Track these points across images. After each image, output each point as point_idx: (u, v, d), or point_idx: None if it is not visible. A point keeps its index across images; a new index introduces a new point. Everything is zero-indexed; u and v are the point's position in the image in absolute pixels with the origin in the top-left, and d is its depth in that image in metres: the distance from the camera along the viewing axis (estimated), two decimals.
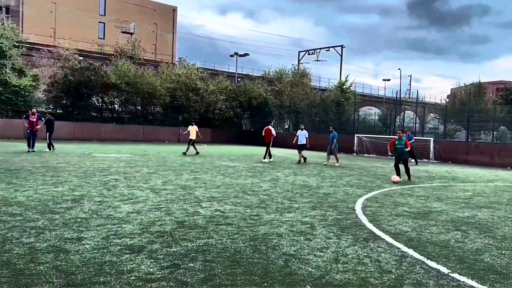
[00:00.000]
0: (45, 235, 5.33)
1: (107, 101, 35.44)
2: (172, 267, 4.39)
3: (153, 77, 34.98)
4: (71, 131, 30.98)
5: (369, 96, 66.58)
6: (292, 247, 5.31)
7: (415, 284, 4.23)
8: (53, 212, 6.61)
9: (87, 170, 12.33)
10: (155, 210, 7.12)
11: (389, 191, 10.99)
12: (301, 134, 19.71)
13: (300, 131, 19.86)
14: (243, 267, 4.49)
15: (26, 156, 15.95)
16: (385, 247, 5.50)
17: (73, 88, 32.02)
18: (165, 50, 63.42)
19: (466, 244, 5.84)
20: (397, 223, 6.99)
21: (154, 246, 5.09)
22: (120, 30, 57.08)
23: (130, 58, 36.68)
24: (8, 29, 30.37)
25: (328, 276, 4.34)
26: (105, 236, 5.41)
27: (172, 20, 67.79)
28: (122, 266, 4.34)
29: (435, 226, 6.89)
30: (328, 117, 36.83)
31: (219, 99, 37.62)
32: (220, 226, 6.23)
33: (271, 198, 8.92)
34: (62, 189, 8.85)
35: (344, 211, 7.89)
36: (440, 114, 40.28)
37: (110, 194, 8.52)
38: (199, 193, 9.13)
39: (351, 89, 43.61)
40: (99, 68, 33.03)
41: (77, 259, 4.47)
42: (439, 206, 8.94)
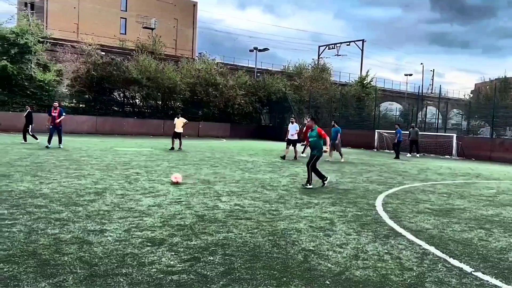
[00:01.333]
0: (69, 226, 5.46)
1: (128, 96, 35.94)
2: (192, 260, 4.44)
3: (174, 72, 35.27)
4: (93, 125, 31.56)
5: (390, 91, 65.64)
6: (311, 243, 5.30)
7: (436, 282, 4.17)
8: (76, 205, 6.75)
9: (109, 164, 12.55)
10: (176, 204, 7.20)
11: (410, 187, 10.84)
12: (291, 128, 18.24)
13: (291, 125, 18.48)
14: (262, 262, 4.50)
15: (50, 149, 16.32)
16: (406, 244, 5.44)
17: (95, 83, 32.58)
18: (185, 45, 63.79)
19: (490, 243, 5.72)
20: (418, 220, 6.89)
21: (175, 239, 5.15)
22: (141, 25, 57.64)
23: (151, 53, 37.03)
24: (33, 25, 31.05)
25: (348, 273, 4.32)
26: (127, 228, 5.51)
27: (192, 15, 68.08)
28: (143, 258, 4.42)
29: (457, 224, 6.77)
30: (348, 112, 36.48)
31: (238, 94, 37.69)
32: (239, 221, 6.26)
33: (290, 194, 8.91)
34: (85, 182, 9.03)
35: (364, 207, 7.82)
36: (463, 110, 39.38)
37: (132, 187, 8.65)
38: (218, 188, 9.18)
39: (372, 84, 43.10)
40: (120, 63, 33.48)
41: (100, 251, 4.57)
42: (462, 203, 8.78)
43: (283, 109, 40.21)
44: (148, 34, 48.78)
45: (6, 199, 6.86)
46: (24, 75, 28.91)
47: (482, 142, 26.31)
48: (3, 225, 5.33)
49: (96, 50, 34.35)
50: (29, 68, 29.32)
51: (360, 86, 41.48)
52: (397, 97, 62.80)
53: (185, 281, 3.88)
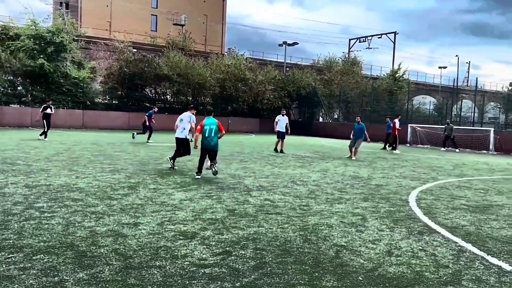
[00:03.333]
0: (104, 219, 5.61)
1: (159, 92, 36.52)
2: (224, 253, 4.48)
3: (203, 68, 35.55)
4: (126, 121, 32.25)
5: (423, 84, 63.91)
6: (343, 238, 5.25)
7: (474, 280, 4.04)
8: (111, 198, 6.93)
9: (142, 159, 12.81)
10: (207, 198, 7.28)
11: (445, 183, 10.54)
12: (282, 120, 17.40)
13: (281, 117, 17.49)
14: (293, 257, 4.49)
15: (85, 145, 16.81)
16: (441, 241, 5.30)
17: (127, 80, 33.26)
18: (214, 41, 64.15)
19: None
20: (453, 217, 6.70)
21: (206, 232, 5.21)
22: (172, 22, 58.38)
23: (181, 50, 37.44)
24: (68, 24, 31.99)
25: (381, 269, 4.25)
26: (159, 222, 5.61)
27: (221, 11, 68.34)
28: (176, 251, 4.49)
29: (495, 221, 6.54)
30: (380, 107, 35.82)
31: (267, 89, 37.61)
32: (269, 215, 6.26)
33: (321, 189, 8.84)
34: (119, 176, 9.25)
35: (397, 203, 7.67)
36: (501, 103, 37.95)
37: (164, 181, 8.81)
38: (248, 182, 9.22)
39: (404, 77, 42.09)
40: (152, 59, 34.02)
41: (134, 243, 4.67)
42: (500, 199, 8.47)
43: (313, 104, 39.88)
44: (178, 30, 49.38)
45: (45, 193, 7.12)
46: (60, 73, 29.84)
47: None
48: (42, 218, 5.54)
49: (128, 47, 35.03)
50: (65, 66, 30.26)
51: (392, 80, 40.57)
52: (430, 91, 61.15)
53: (217, 274, 3.91)
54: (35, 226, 5.14)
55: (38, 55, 28.72)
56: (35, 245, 4.46)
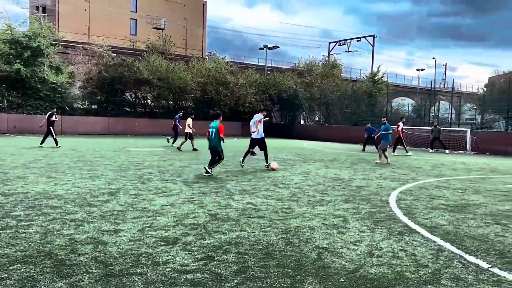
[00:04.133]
0: (84, 227, 5.51)
1: (140, 96, 36.22)
2: (206, 259, 4.45)
3: (184, 72, 35.43)
4: (106, 126, 31.86)
5: (402, 86, 65.03)
6: (325, 240, 5.28)
7: (453, 278, 4.12)
8: (91, 205, 6.82)
9: (122, 164, 12.65)
10: (188, 203, 7.23)
11: (424, 183, 10.73)
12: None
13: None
14: (276, 260, 4.50)
15: (64, 151, 16.52)
16: (420, 241, 5.38)
17: (107, 84, 32.88)
18: (195, 44, 63.98)
19: (507, 238, 5.63)
20: (433, 216, 6.82)
21: (188, 238, 5.17)
22: (151, 26, 58.02)
23: (161, 54, 37.24)
24: (45, 28, 31.44)
25: (362, 270, 4.29)
26: (140, 228, 5.55)
27: (201, 15, 68.26)
28: (157, 257, 4.44)
29: (473, 220, 6.68)
30: (360, 109, 36.24)
31: (249, 92, 37.69)
32: (252, 219, 6.26)
33: (303, 191, 8.89)
34: (98, 182, 9.12)
35: (378, 204, 7.77)
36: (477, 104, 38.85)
37: (145, 187, 8.72)
38: (230, 186, 9.20)
39: (383, 80, 42.73)
40: (131, 64, 33.74)
41: (114, 251, 4.61)
42: (477, 199, 8.66)
43: (294, 107, 40.12)
44: (158, 34, 49.10)
45: (22, 201, 6.96)
46: (37, 78, 29.30)
47: (497, 136, 25.91)
48: (19, 226, 5.41)
49: (107, 51, 34.67)
50: (42, 71, 29.72)
51: (371, 82, 41.16)
52: (409, 92, 62.22)
53: (199, 280, 3.89)
54: (12, 235, 5.02)
55: (14, 60, 28.16)
56: (11, 255, 4.35)
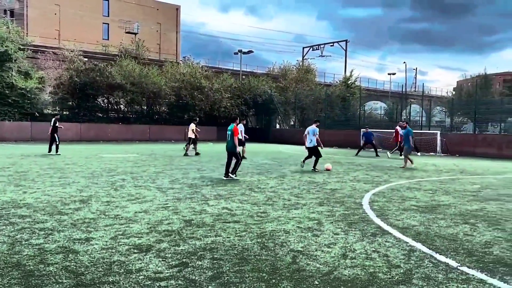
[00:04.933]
0: (54, 236, 5.37)
1: (112, 102, 35.66)
2: (180, 265, 4.41)
3: (158, 76, 35.12)
4: (77, 132, 31.19)
5: (374, 90, 66.30)
6: (299, 244, 5.31)
7: (424, 278, 4.21)
8: (61, 213, 6.66)
9: (94, 171, 12.41)
10: (163, 209, 7.15)
11: (396, 185, 10.94)
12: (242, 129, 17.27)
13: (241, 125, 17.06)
14: (251, 264, 4.49)
15: (34, 158, 16.08)
16: (393, 242, 5.48)
17: (78, 90, 32.23)
18: (169, 49, 63.51)
19: (475, 237, 5.81)
20: (404, 218, 6.96)
21: (162, 245, 5.11)
22: (124, 30, 57.24)
23: (134, 58, 36.82)
24: (13, 32, 30.60)
25: (336, 272, 4.33)
26: (113, 236, 5.44)
27: (175, 19, 67.81)
28: (130, 265, 4.37)
29: (443, 220, 6.85)
30: (333, 113, 36.73)
31: (224, 97, 37.66)
32: (227, 224, 6.24)
33: (278, 195, 8.92)
34: (70, 190, 8.91)
35: (352, 206, 7.87)
36: (446, 107, 40.01)
37: (118, 194, 8.57)
38: (206, 191, 9.15)
39: (356, 84, 43.46)
40: (104, 68, 33.20)
41: (86, 259, 4.50)
42: (447, 199, 8.89)
43: (269, 111, 40.31)
44: (131, 39, 48.53)
45: None
46: (5, 84, 28.47)
47: (466, 138, 26.71)
48: None
49: (78, 56, 34.02)
50: (10, 76, 28.89)
51: (344, 86, 41.80)
52: (381, 96, 63.43)
53: (173, 287, 3.84)
54: None
55: None
56: None
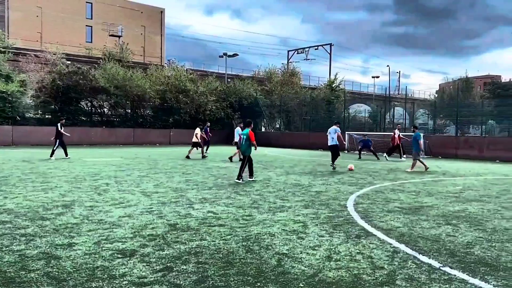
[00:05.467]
0: (36, 241, 5.28)
1: (96, 105, 35.26)
2: (165, 270, 4.38)
3: (142, 79, 34.84)
4: None
5: (358, 93, 66.94)
6: (285, 246, 5.32)
7: (407, 279, 4.26)
8: (43, 219, 6.55)
9: (77, 175, 12.24)
10: (147, 214, 7.09)
11: (380, 187, 11.06)
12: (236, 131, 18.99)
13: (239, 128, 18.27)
14: (236, 268, 4.48)
15: (15, 163, 15.80)
16: (377, 243, 5.54)
17: (61, 93, 31.76)
18: (153, 52, 63.17)
19: (457, 238, 5.90)
20: (388, 219, 7.04)
21: (146, 249, 5.06)
22: (108, 33, 56.72)
23: (118, 61, 36.47)
24: None
25: (321, 274, 4.35)
26: (96, 241, 5.38)
27: (160, 22, 67.51)
28: (114, 270, 4.32)
29: (426, 221, 6.95)
30: (318, 116, 36.97)
31: (209, 100, 37.56)
32: (212, 228, 6.22)
33: (263, 198, 8.93)
34: (52, 195, 8.77)
35: (336, 208, 7.92)
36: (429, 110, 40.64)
37: (101, 198, 8.46)
38: (191, 195, 9.10)
39: (340, 87, 43.83)
40: (87, 72, 32.81)
41: (68, 265, 4.44)
42: (430, 201, 9.02)
43: (255, 114, 40.33)
44: (115, 41, 48.10)
45: None
46: None
47: (448, 140, 27.14)
48: None
49: (61, 59, 33.55)
50: None
51: (329, 89, 42.09)
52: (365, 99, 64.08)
53: None
54: None
55: None
56: None
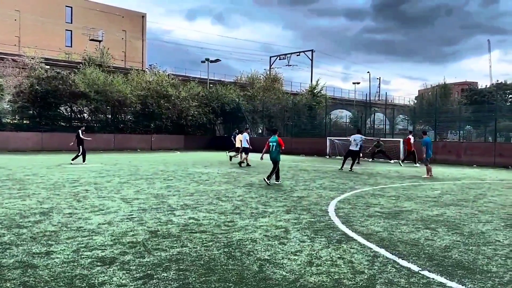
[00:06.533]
0: (12, 250, 5.16)
1: (76, 110, 34.70)
2: (145, 277, 4.33)
3: (123, 84, 34.49)
4: (39, 142, 30.14)
5: (339, 99, 67.66)
6: (266, 252, 5.33)
7: (387, 283, 4.31)
8: (20, 227, 6.40)
9: (56, 182, 12.02)
10: (127, 221, 7.00)
11: (361, 192, 11.17)
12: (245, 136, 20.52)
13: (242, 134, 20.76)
14: (217, 275, 4.47)
15: None
16: (357, 248, 5.59)
17: (40, 98, 31.17)
18: (134, 57, 62.65)
19: (435, 242, 6.00)
20: (369, 224, 7.11)
21: (126, 257, 5.00)
22: (88, 37, 56.03)
23: (98, 66, 36.06)
24: None
25: (302, 280, 4.37)
26: (75, 249, 5.28)
27: (141, 27, 67.06)
28: (93, 279, 4.25)
29: (405, 225, 7.05)
30: (300, 121, 37.21)
31: (191, 105, 37.42)
32: (194, 234, 6.18)
33: (246, 204, 8.92)
34: (30, 202, 8.59)
35: (318, 213, 7.97)
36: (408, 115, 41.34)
37: (81, 205, 8.33)
38: (172, 202, 9.03)
39: (322, 93, 44.25)
40: (67, 76, 32.31)
41: (46, 274, 4.35)
42: (409, 205, 9.16)
43: (237, 119, 40.35)
44: (95, 46, 47.54)
45: None
46: None
47: None
48: None
49: (40, 63, 33.00)
50: None
51: (310, 95, 42.46)
52: (346, 105, 64.84)
53: None
54: None
55: None
56: None
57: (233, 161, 21.76)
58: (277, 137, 13.02)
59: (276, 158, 12.87)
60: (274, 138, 12.98)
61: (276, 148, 12.86)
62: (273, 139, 12.99)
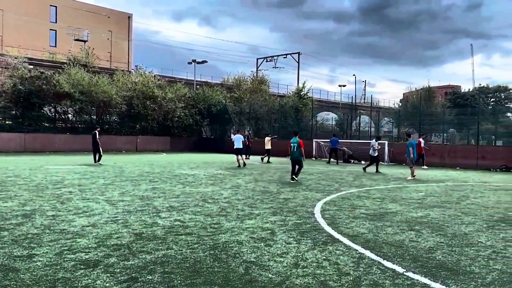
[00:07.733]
0: None
1: (60, 111, 34.22)
2: (130, 280, 4.28)
3: (109, 85, 34.12)
4: (21, 143, 29.64)
5: (326, 101, 68.00)
6: (252, 254, 5.32)
7: (372, 284, 4.34)
8: (1, 229, 6.27)
9: (39, 183, 11.82)
10: (112, 223, 6.92)
11: (346, 194, 11.24)
12: (238, 138, 20.82)
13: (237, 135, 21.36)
14: (203, 277, 4.44)
15: None
16: (343, 250, 5.62)
17: (23, 98, 30.65)
18: (120, 57, 62.05)
19: (420, 243, 6.07)
20: (354, 225, 7.16)
21: (111, 260, 4.94)
22: (73, 37, 55.32)
23: (83, 66, 35.63)
24: None
25: (288, 281, 4.37)
26: (58, 251, 5.20)
27: (127, 27, 66.51)
28: (76, 282, 4.18)
29: (390, 227, 7.11)
30: (287, 123, 37.31)
31: (178, 106, 37.23)
32: (179, 236, 6.14)
33: (232, 206, 8.90)
34: (11, 204, 8.43)
35: (304, 215, 8.00)
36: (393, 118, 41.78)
37: (64, 207, 8.20)
38: (157, 203, 8.96)
39: (308, 95, 44.47)
40: (51, 76, 31.83)
41: (27, 278, 4.26)
42: (394, 207, 9.25)
43: (224, 121, 40.27)
44: (80, 46, 46.94)
45: None
46: None
47: None
48: None
49: (23, 63, 32.47)
50: None
51: (297, 97, 42.62)
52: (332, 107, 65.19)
53: None
54: None
55: None
56: None
57: (264, 161, 24.17)
58: (298, 139, 14.17)
59: (298, 157, 14.06)
60: (295, 139, 14.17)
61: (297, 149, 14.02)
62: (294, 140, 14.19)
